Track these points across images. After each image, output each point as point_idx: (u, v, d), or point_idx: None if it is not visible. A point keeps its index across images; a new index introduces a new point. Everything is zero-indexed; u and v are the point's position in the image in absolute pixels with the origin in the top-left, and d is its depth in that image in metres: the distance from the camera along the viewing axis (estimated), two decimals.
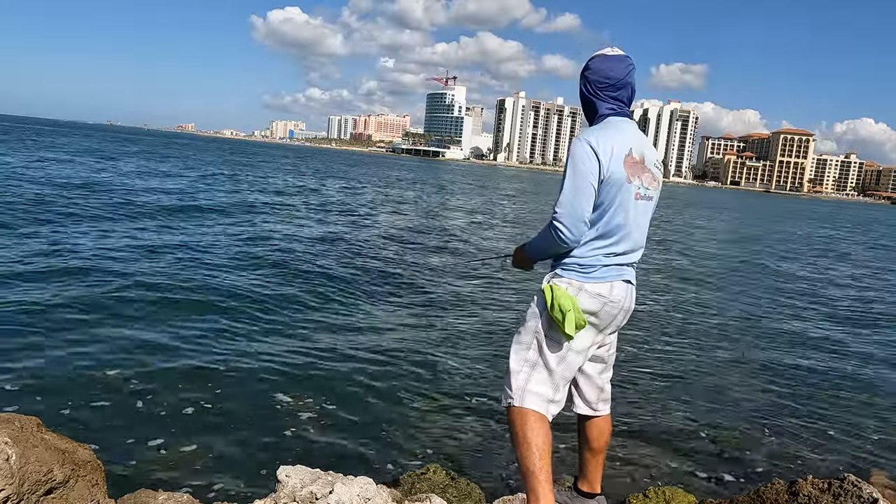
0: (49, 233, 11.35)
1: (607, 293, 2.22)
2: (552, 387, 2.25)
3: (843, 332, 9.50)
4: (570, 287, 2.20)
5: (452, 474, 3.58)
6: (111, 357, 5.49)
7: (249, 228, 14.75)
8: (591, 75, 2.31)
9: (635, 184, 2.21)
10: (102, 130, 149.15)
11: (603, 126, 2.25)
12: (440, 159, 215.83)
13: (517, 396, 2.23)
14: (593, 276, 2.21)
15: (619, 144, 2.17)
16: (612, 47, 2.36)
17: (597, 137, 2.17)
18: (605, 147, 2.14)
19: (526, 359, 2.27)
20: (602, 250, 2.21)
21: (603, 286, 2.22)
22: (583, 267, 2.21)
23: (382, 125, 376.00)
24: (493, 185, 60.01)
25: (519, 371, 2.27)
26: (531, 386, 2.24)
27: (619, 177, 2.15)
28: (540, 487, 2.14)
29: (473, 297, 9.51)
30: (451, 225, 20.31)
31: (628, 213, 2.21)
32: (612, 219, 2.18)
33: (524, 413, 2.21)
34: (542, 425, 2.21)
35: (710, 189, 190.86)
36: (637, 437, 4.83)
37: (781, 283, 14.26)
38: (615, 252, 2.23)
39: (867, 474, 4.33)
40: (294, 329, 6.92)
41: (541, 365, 2.25)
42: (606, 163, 2.12)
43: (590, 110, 2.36)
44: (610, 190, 2.15)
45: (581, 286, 2.20)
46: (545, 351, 2.24)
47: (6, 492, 1.91)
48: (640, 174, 2.22)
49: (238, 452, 4.09)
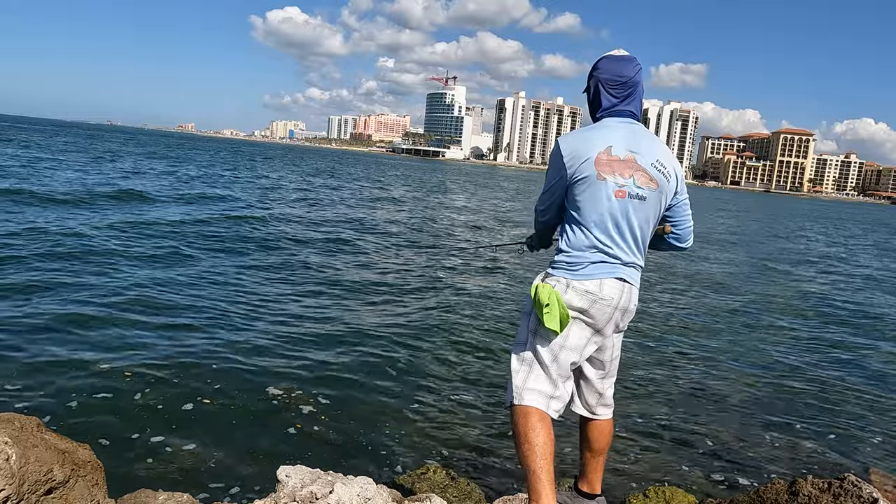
0: (48, 232, 11.36)
1: (596, 290, 2.22)
2: (550, 383, 2.26)
3: (844, 332, 9.51)
4: (557, 284, 2.23)
5: (452, 474, 3.58)
6: (111, 357, 5.49)
7: (252, 229, 14.75)
8: (602, 74, 2.34)
9: (613, 181, 2.18)
10: (104, 130, 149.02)
11: (589, 126, 2.33)
12: (440, 159, 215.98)
13: (517, 395, 2.25)
14: (580, 272, 2.23)
15: (591, 142, 2.20)
16: (619, 49, 2.41)
17: (568, 137, 2.28)
18: (570, 146, 2.23)
19: (523, 357, 2.30)
20: (586, 247, 2.23)
21: (591, 283, 2.22)
22: (570, 264, 2.24)
23: (382, 125, 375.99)
24: (494, 184, 59.99)
25: (518, 370, 2.30)
26: (529, 384, 2.25)
27: (587, 174, 2.19)
28: (541, 487, 2.13)
29: (474, 296, 9.51)
30: (449, 224, 20.32)
31: (607, 211, 2.20)
32: (587, 215, 2.22)
33: (526, 411, 2.22)
34: (544, 425, 2.20)
35: (710, 189, 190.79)
36: (637, 436, 4.83)
37: (783, 283, 14.26)
38: (601, 249, 2.22)
39: (867, 474, 4.33)
40: (294, 328, 6.92)
41: (536, 363, 2.27)
42: (570, 161, 2.20)
43: (596, 110, 2.39)
44: (580, 187, 2.21)
45: (568, 283, 2.22)
46: (538, 348, 2.27)
47: (6, 492, 1.91)
48: (623, 171, 2.19)
49: (238, 452, 4.09)
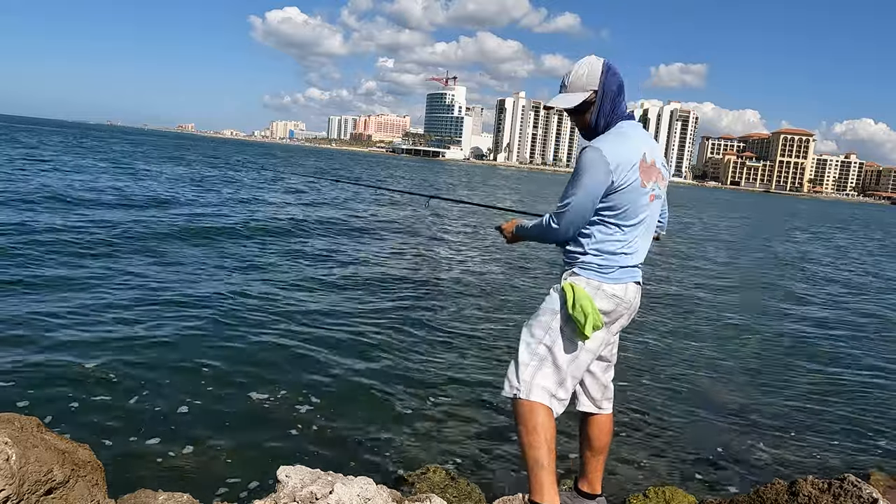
0: (48, 230, 11.36)
1: (622, 294, 2.29)
2: (557, 382, 2.28)
3: (845, 332, 9.50)
4: (587, 286, 2.25)
5: (452, 474, 3.58)
6: (111, 357, 5.48)
7: (253, 224, 14.75)
8: (611, 86, 2.27)
9: (649, 187, 2.26)
10: (105, 130, 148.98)
11: (616, 134, 2.25)
12: (440, 159, 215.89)
13: (524, 388, 2.27)
14: (610, 276, 2.27)
15: (631, 152, 2.21)
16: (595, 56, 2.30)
17: (607, 144, 2.19)
18: (615, 155, 2.16)
19: (535, 352, 2.30)
20: (620, 252, 2.27)
21: (619, 287, 2.28)
22: (601, 267, 2.26)
23: (382, 125, 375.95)
24: (494, 184, 59.97)
25: (528, 364, 2.30)
26: (538, 380, 2.27)
27: (635, 184, 2.20)
28: (546, 480, 2.20)
29: (475, 295, 9.51)
30: (447, 222, 20.31)
31: (644, 216, 2.28)
32: (626, 221, 2.24)
33: (534, 406, 2.25)
34: (551, 420, 2.26)
35: (710, 189, 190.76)
36: (637, 437, 4.83)
37: (785, 283, 14.26)
38: (630, 253, 2.29)
39: (867, 474, 4.33)
40: (294, 327, 6.91)
41: (549, 361, 2.29)
42: (617, 169, 2.16)
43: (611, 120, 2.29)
44: (627, 196, 2.20)
45: (599, 286, 2.25)
46: (558, 348, 2.28)
47: (6, 492, 1.91)
48: (653, 176, 2.27)
49: (238, 452, 4.09)
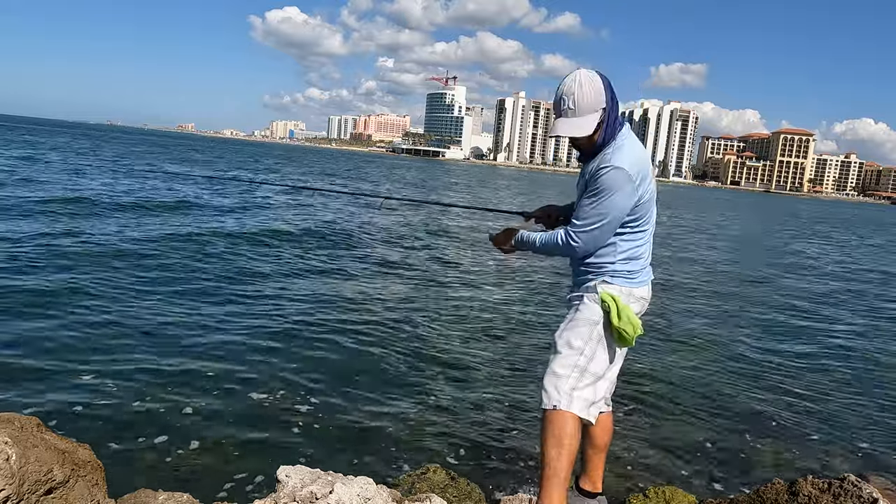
0: (47, 228, 11.36)
1: (646, 295, 2.43)
2: (594, 390, 2.33)
3: (845, 332, 9.50)
4: (622, 293, 2.32)
5: (452, 474, 3.57)
6: (111, 357, 5.49)
7: (254, 228, 14.75)
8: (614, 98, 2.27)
9: (656, 192, 2.40)
10: (105, 130, 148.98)
11: (628, 148, 2.24)
12: (440, 159, 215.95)
13: (565, 400, 2.26)
14: (637, 280, 2.36)
15: (644, 162, 2.29)
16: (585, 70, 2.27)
17: (626, 159, 2.19)
18: (636, 169, 2.22)
19: (576, 364, 2.31)
20: (642, 256, 2.37)
21: (644, 289, 2.40)
22: (631, 273, 2.34)
23: (382, 125, 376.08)
24: (493, 184, 59.96)
25: (568, 376, 2.30)
26: (578, 392, 2.29)
27: (652, 193, 2.32)
28: (562, 490, 2.25)
29: (476, 295, 9.51)
30: (445, 222, 20.31)
31: (653, 220, 2.41)
32: (645, 227, 2.34)
33: (569, 417, 2.26)
34: (579, 433, 2.30)
35: (710, 189, 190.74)
36: (637, 437, 4.83)
37: (785, 282, 14.25)
38: (647, 255, 2.41)
39: (867, 474, 4.33)
40: (294, 327, 6.91)
41: (589, 371, 2.32)
42: (640, 183, 2.24)
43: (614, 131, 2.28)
44: (647, 205, 2.31)
45: (630, 292, 2.34)
46: (598, 358, 2.32)
47: (6, 492, 1.91)
48: (652, 180, 2.37)
49: (238, 452, 4.09)
